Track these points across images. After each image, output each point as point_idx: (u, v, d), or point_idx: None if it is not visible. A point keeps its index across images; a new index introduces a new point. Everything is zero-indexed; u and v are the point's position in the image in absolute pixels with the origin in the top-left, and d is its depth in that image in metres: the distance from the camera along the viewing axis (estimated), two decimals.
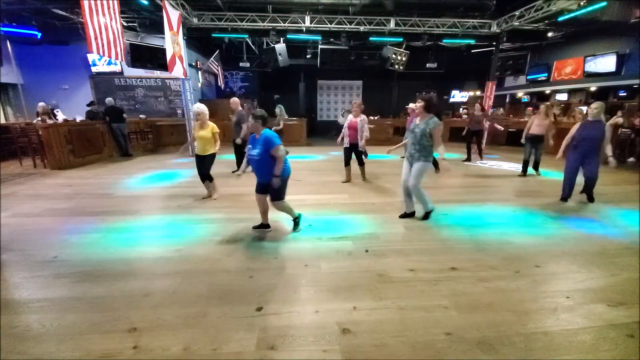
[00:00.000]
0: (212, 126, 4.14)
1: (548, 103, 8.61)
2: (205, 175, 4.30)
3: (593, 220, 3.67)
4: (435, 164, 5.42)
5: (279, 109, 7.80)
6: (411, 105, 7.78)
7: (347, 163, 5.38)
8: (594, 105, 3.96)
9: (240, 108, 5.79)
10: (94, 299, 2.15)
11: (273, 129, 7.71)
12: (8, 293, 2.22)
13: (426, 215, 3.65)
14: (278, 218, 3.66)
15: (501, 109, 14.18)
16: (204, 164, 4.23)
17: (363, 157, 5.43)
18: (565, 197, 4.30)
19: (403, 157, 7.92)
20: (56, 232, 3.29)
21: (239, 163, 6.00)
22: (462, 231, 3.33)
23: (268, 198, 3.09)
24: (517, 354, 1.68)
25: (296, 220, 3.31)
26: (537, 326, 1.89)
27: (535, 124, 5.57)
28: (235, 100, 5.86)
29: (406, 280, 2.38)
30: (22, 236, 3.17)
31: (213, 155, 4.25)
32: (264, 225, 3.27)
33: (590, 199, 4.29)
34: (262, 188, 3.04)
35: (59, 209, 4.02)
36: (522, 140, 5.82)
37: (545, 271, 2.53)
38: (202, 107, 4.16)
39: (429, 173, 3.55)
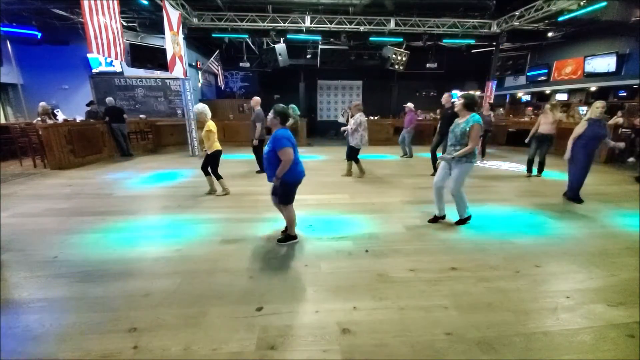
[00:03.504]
0: (206, 124, 4.19)
1: (554, 102, 8.60)
2: (208, 172, 4.42)
3: (593, 221, 3.67)
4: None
5: (291, 110, 7.79)
6: (409, 104, 7.85)
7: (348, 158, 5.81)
8: (599, 104, 3.98)
9: (259, 107, 5.78)
10: (94, 299, 2.15)
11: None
12: (8, 293, 2.22)
13: (462, 221, 3.46)
14: (277, 218, 3.66)
15: (501, 109, 14.20)
16: (205, 161, 4.36)
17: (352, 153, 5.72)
18: (578, 198, 4.29)
19: (402, 157, 8.02)
20: (56, 232, 3.29)
21: (259, 163, 6.03)
22: (462, 231, 3.33)
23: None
24: (517, 354, 1.68)
25: (287, 237, 3.01)
26: (537, 326, 1.89)
27: (542, 122, 5.55)
28: (256, 99, 5.87)
29: (406, 280, 2.38)
30: (22, 236, 3.17)
31: (214, 153, 4.29)
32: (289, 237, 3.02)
33: (578, 199, 4.28)
34: (273, 189, 2.91)
35: (59, 209, 4.02)
36: (527, 140, 5.78)
37: (545, 271, 2.53)
38: (199, 107, 4.19)
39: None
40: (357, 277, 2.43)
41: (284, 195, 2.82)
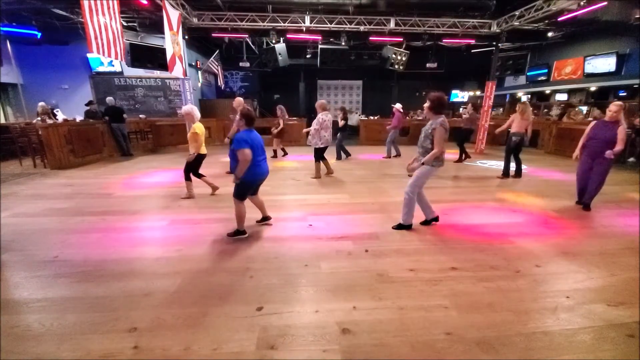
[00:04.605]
0: (193, 126, 4.07)
1: (524, 101, 8.71)
2: (189, 177, 4.39)
3: (593, 221, 3.67)
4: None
5: (279, 111, 7.82)
6: (397, 105, 7.91)
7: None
8: (612, 107, 3.71)
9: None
10: (94, 299, 2.15)
11: (272, 129, 7.56)
12: (8, 293, 2.22)
13: (399, 227, 3.32)
14: (276, 218, 3.66)
15: (501, 109, 14.21)
16: (187, 164, 4.26)
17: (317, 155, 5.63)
18: (580, 200, 4.13)
19: (394, 156, 8.06)
20: (56, 232, 3.29)
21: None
22: (462, 231, 3.33)
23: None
24: (517, 353, 1.68)
25: (237, 231, 3.12)
26: (537, 326, 1.89)
27: (513, 122, 5.55)
28: (238, 99, 5.82)
29: (406, 280, 2.38)
30: (22, 236, 3.17)
31: (197, 157, 4.18)
32: (265, 218, 3.46)
33: (587, 207, 3.99)
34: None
35: (59, 208, 4.02)
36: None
37: (545, 271, 2.53)
38: (186, 108, 4.11)
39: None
40: (357, 277, 2.43)
41: (238, 191, 3.01)
